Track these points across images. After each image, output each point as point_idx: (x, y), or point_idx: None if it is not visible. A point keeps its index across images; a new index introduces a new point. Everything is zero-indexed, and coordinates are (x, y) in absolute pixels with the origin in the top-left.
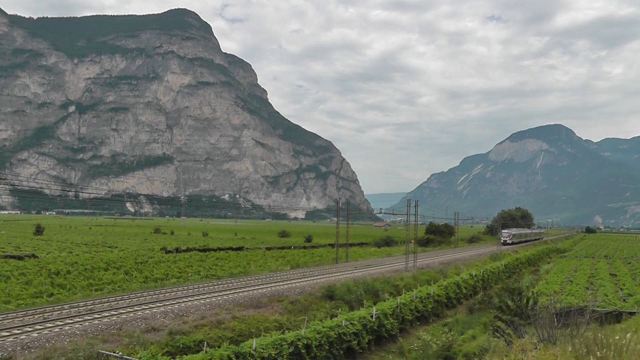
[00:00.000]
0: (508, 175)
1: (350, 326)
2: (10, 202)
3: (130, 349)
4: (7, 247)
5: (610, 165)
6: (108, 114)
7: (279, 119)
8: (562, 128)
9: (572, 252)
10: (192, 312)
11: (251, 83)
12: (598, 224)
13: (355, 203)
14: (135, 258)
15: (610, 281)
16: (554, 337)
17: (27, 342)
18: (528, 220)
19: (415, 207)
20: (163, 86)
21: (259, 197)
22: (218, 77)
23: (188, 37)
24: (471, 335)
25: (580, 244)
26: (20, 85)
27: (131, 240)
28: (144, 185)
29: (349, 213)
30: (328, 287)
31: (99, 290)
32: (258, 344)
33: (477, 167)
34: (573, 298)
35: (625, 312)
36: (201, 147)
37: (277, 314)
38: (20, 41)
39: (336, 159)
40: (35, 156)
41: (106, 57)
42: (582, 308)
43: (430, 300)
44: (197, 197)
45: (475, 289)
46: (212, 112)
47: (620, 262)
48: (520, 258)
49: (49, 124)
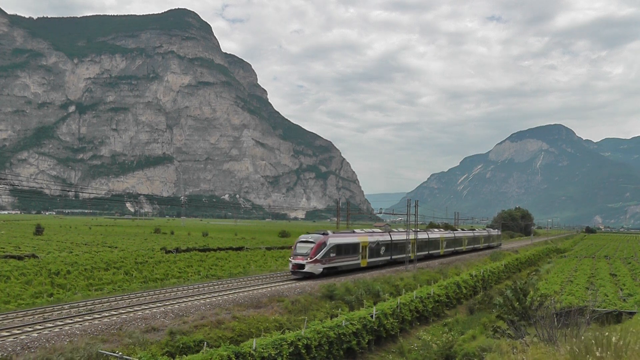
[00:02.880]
0: (508, 175)
1: (350, 326)
2: (10, 202)
3: (130, 349)
4: (7, 247)
5: (610, 165)
6: (108, 114)
7: (279, 119)
8: (562, 128)
9: (572, 252)
10: (192, 312)
11: (251, 83)
12: (598, 224)
13: (355, 203)
14: (135, 258)
15: (610, 281)
16: (554, 337)
17: (27, 342)
18: (528, 220)
19: (416, 207)
20: (163, 86)
21: (259, 197)
22: (218, 77)
23: (188, 37)
24: (471, 335)
25: (580, 244)
26: (20, 85)
27: (131, 240)
28: (144, 185)
29: (349, 213)
30: (328, 287)
31: (99, 290)
32: (258, 344)
33: (477, 167)
34: (573, 298)
35: (625, 312)
36: (201, 147)
37: (277, 314)
38: (20, 41)
39: (336, 159)
40: (35, 156)
41: (106, 57)
42: (582, 308)
43: (430, 300)
44: (197, 197)
45: (475, 289)
46: (212, 112)
47: (620, 262)
48: (520, 258)
49: (49, 124)
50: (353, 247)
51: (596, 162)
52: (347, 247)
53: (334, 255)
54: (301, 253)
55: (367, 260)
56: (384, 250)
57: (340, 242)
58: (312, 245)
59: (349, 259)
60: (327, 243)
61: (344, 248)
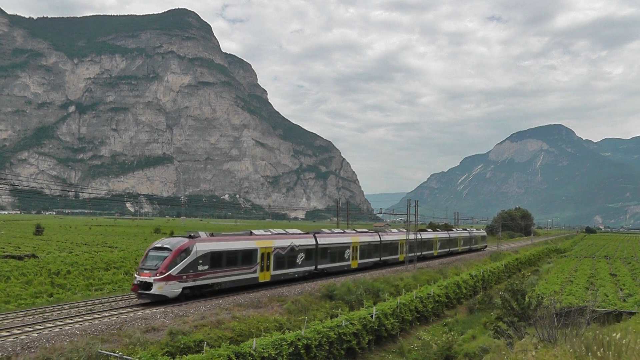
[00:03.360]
0: (508, 175)
1: (350, 326)
2: (10, 202)
3: (130, 349)
4: (7, 247)
5: (610, 165)
6: (108, 114)
7: (279, 119)
8: (562, 128)
9: (572, 252)
10: (192, 312)
11: (251, 83)
12: (598, 224)
13: (355, 203)
14: (135, 258)
15: (610, 281)
16: (554, 337)
17: (27, 342)
18: (528, 220)
19: (416, 207)
20: (163, 86)
21: (259, 197)
22: (218, 77)
23: (188, 37)
24: (471, 335)
25: (580, 244)
26: (20, 85)
27: (131, 240)
28: (144, 185)
29: (349, 213)
30: (328, 287)
31: (99, 290)
32: (258, 344)
33: (477, 167)
34: (573, 298)
35: (625, 312)
36: (201, 147)
37: (277, 314)
38: (20, 41)
39: (336, 159)
40: (35, 156)
41: (106, 57)
42: (582, 308)
43: (430, 300)
44: (197, 197)
45: (475, 289)
46: (212, 112)
47: (620, 262)
48: (520, 258)
49: (49, 124)
50: (245, 254)
51: (596, 162)
52: (234, 255)
53: (207, 268)
54: (149, 267)
55: (274, 272)
56: (323, 256)
57: (220, 248)
58: (167, 255)
59: (241, 272)
60: (193, 250)
61: (228, 256)
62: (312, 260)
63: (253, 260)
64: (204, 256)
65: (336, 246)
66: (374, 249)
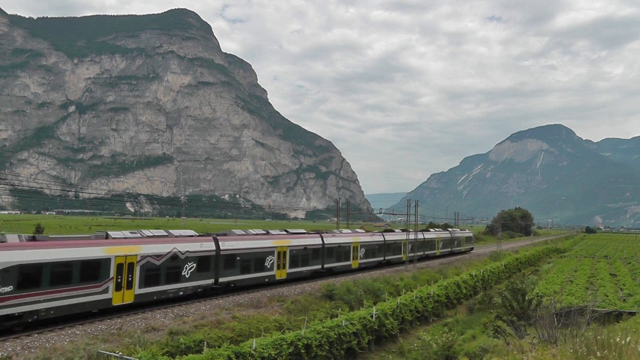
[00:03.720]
0: (508, 175)
1: (350, 326)
2: (10, 202)
3: (130, 349)
4: None
5: (610, 165)
6: (108, 114)
7: (279, 119)
8: (562, 128)
9: (572, 252)
10: (192, 312)
11: (251, 83)
12: (598, 224)
13: (355, 203)
14: None
15: (610, 281)
16: (554, 337)
17: (27, 342)
18: (528, 220)
19: (416, 207)
20: (163, 86)
21: (259, 197)
22: (218, 77)
23: (188, 37)
24: (471, 335)
25: (580, 244)
26: (20, 85)
27: None
28: (144, 185)
29: (349, 213)
30: (328, 287)
31: None
32: (258, 344)
33: (477, 167)
34: (573, 298)
35: (625, 312)
36: (201, 147)
37: (277, 314)
38: (20, 41)
39: (336, 159)
40: (35, 156)
41: (106, 57)
42: (582, 308)
43: (430, 301)
44: (197, 197)
45: (475, 289)
46: (212, 112)
47: (620, 262)
48: (520, 258)
49: (49, 124)
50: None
51: (596, 162)
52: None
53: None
54: None
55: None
56: None
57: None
58: None
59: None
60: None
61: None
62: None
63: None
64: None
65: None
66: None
